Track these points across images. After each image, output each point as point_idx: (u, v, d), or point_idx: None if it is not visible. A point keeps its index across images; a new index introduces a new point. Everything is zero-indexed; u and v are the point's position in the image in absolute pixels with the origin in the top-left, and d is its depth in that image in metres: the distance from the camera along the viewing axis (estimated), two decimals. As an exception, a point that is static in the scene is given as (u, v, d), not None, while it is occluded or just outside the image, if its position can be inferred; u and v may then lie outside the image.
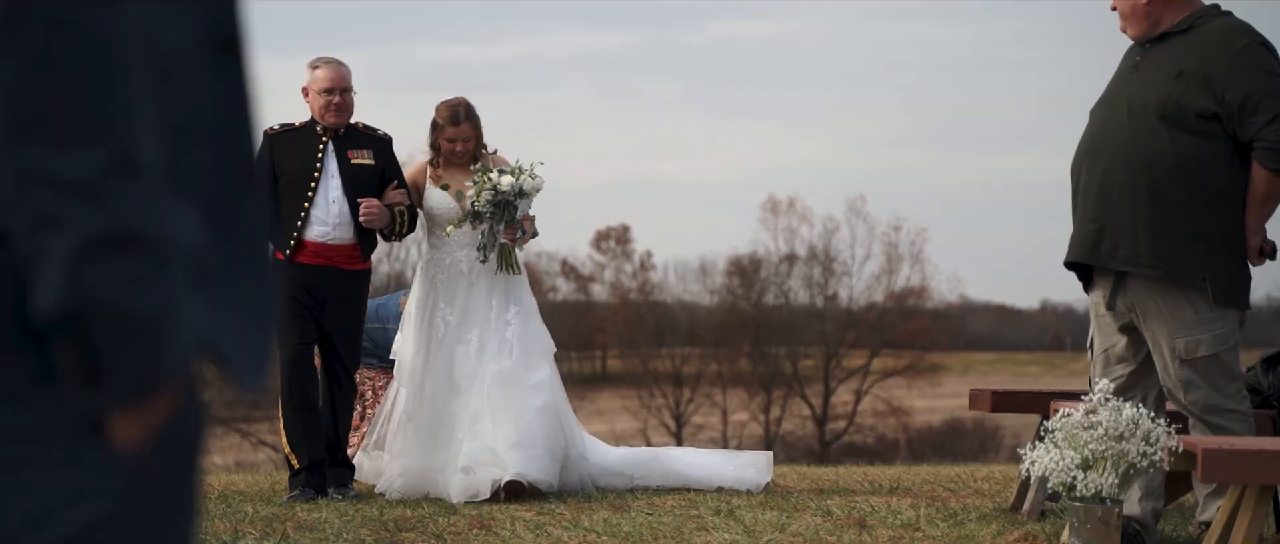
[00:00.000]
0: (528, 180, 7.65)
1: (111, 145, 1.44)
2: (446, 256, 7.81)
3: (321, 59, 7.66)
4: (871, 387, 45.57)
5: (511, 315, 7.75)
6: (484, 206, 7.60)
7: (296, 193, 7.44)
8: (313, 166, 7.46)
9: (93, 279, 1.44)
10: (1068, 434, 5.17)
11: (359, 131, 7.65)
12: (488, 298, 7.77)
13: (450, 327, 7.73)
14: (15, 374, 1.50)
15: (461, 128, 7.79)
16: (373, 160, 7.60)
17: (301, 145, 7.52)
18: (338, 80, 7.54)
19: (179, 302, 1.50)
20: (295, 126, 7.59)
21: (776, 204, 48.96)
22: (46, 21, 1.42)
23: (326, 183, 7.48)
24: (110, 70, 1.45)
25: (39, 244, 1.44)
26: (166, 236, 1.48)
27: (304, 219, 7.42)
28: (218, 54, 1.63)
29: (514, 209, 7.63)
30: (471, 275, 7.77)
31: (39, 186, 1.43)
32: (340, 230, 7.47)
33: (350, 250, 7.51)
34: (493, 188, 7.56)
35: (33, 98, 1.42)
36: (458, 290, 7.78)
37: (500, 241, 7.70)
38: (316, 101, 7.54)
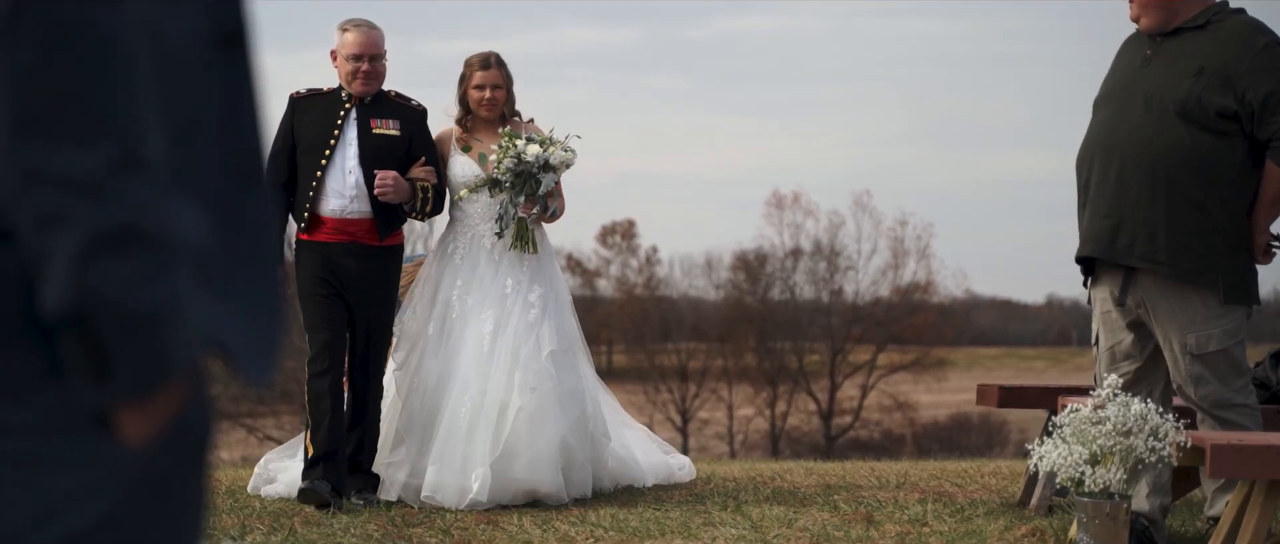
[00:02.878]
0: (558, 152, 6.98)
1: (115, 142, 1.44)
2: (467, 229, 7.11)
3: (351, 21, 7.03)
4: (877, 382, 45.55)
5: (536, 298, 7.01)
6: (504, 174, 6.95)
7: (311, 161, 6.89)
8: (329, 134, 6.90)
9: (98, 276, 1.44)
10: (1076, 429, 5.16)
11: (389, 100, 7.03)
12: (509, 276, 7.04)
13: (466, 307, 7.02)
14: (22, 371, 1.50)
15: (490, 72, 7.14)
16: (398, 131, 6.98)
17: (323, 111, 6.96)
18: (368, 45, 6.92)
19: (184, 298, 1.49)
20: (322, 92, 7.03)
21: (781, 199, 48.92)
22: (50, 20, 1.42)
23: (343, 152, 6.91)
24: (113, 68, 1.44)
25: (44, 241, 1.44)
26: (171, 233, 1.48)
27: (317, 189, 6.84)
28: (222, 49, 1.63)
29: (536, 182, 6.98)
30: (495, 252, 7.07)
31: (44, 184, 1.43)
32: (357, 204, 6.85)
33: (370, 226, 6.87)
34: (516, 155, 6.93)
35: (37, 96, 1.42)
36: (476, 266, 7.07)
37: (517, 216, 7.01)
38: (344, 68, 6.94)
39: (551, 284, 7.15)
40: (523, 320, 6.97)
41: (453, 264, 7.11)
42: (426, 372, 6.97)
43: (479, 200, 7.09)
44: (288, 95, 7.01)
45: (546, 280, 7.13)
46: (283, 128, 6.98)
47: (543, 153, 6.95)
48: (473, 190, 7.07)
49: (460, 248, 7.13)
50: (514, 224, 7.03)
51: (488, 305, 6.99)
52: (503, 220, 7.02)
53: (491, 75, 7.14)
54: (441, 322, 7.03)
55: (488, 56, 7.25)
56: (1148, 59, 5.62)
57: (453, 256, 7.13)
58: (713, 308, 49.59)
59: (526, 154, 6.94)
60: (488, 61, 7.21)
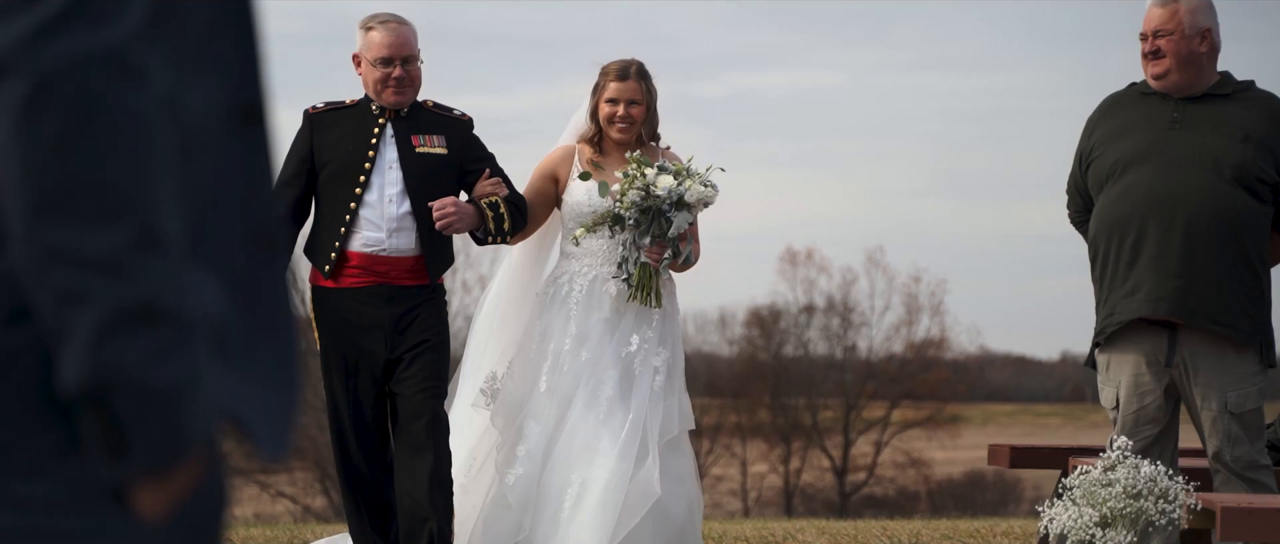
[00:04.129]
0: (695, 187, 5.84)
1: (135, 221, 1.47)
2: (587, 268, 5.92)
3: (376, 18, 5.84)
4: (891, 438, 45.42)
5: (662, 363, 5.85)
6: (628, 209, 5.79)
7: (341, 189, 5.72)
8: (364, 155, 5.73)
9: (116, 353, 1.47)
10: (1085, 491, 5.17)
11: (428, 111, 5.89)
12: (634, 331, 5.87)
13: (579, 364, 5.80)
14: (41, 446, 1.53)
15: (628, 84, 5.96)
16: (445, 148, 5.84)
17: (351, 128, 5.79)
18: (399, 46, 5.75)
19: (202, 373, 1.52)
20: (344, 105, 5.88)
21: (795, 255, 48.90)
22: (72, 100, 1.45)
23: (382, 176, 5.74)
24: (134, 147, 1.47)
25: (63, 319, 1.47)
26: (189, 309, 1.51)
27: (351, 222, 5.71)
28: (240, 122, 1.66)
29: (666, 221, 5.82)
30: (618, 300, 5.89)
31: (63, 263, 1.46)
32: (399, 238, 5.73)
33: (412, 264, 5.74)
34: (644, 187, 5.77)
35: (57, 175, 1.45)
36: (596, 314, 5.88)
37: (642, 261, 5.85)
38: (371, 74, 5.78)
39: (676, 346, 6.00)
40: (650, 388, 5.83)
41: (565, 309, 5.91)
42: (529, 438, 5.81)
43: (601, 236, 5.93)
44: (302, 112, 5.94)
45: (671, 340, 5.97)
46: (297, 150, 5.83)
47: (676, 186, 5.83)
48: (590, 229, 5.92)
49: (578, 291, 5.92)
50: (637, 271, 5.85)
51: (608, 364, 5.83)
52: (624, 265, 5.86)
53: (629, 88, 5.97)
54: (553, 377, 5.86)
55: (627, 65, 6.03)
56: (1177, 122, 5.64)
57: (567, 300, 5.91)
58: (726, 364, 49.50)
59: (657, 186, 5.79)
60: (626, 71, 6.01)
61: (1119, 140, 5.75)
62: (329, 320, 5.79)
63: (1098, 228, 5.72)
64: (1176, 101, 5.68)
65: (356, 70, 5.87)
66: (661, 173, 5.82)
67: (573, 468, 5.69)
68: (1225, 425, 5.54)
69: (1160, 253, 5.57)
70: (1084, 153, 5.83)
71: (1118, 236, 5.66)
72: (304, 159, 5.80)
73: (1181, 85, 5.66)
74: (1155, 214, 5.59)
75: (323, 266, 5.76)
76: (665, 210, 5.83)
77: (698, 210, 5.93)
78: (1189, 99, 5.67)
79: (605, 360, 5.84)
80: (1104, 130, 5.79)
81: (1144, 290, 5.59)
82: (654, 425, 5.77)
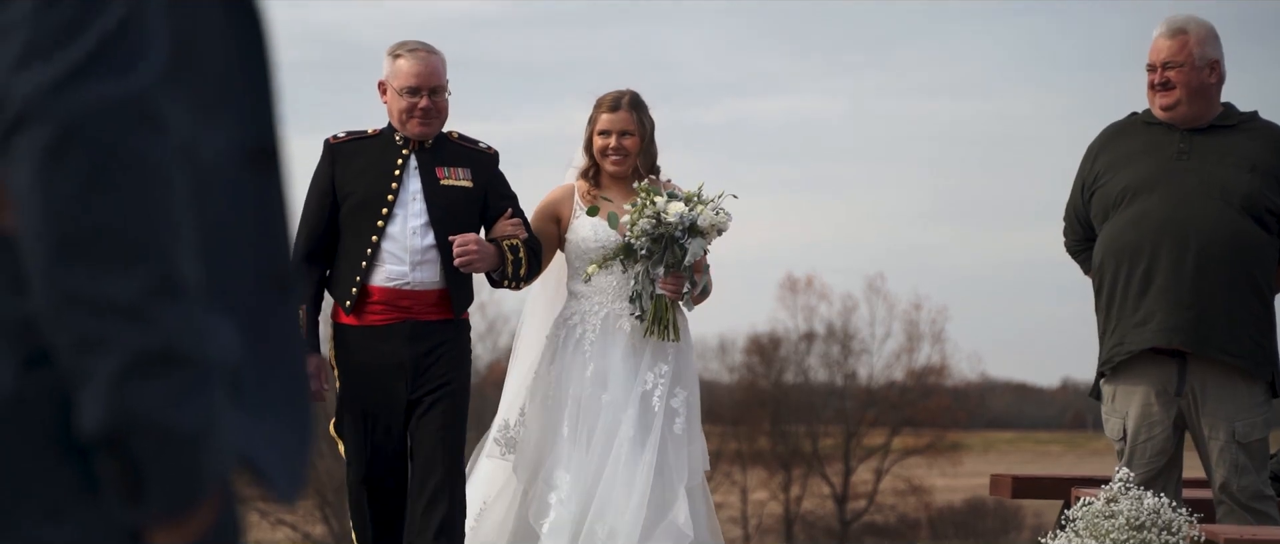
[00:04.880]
0: (707, 213, 5.71)
1: (155, 267, 1.49)
2: (598, 306, 5.77)
3: (405, 46, 5.73)
4: (892, 465, 45.39)
5: (681, 404, 5.67)
6: (639, 238, 5.65)
7: (363, 221, 5.60)
8: (387, 186, 5.63)
9: (134, 398, 1.48)
10: (1089, 523, 5.18)
11: (452, 143, 5.78)
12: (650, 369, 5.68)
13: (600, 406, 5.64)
14: (60, 488, 1.54)
15: (619, 115, 5.84)
16: (470, 182, 5.72)
17: (374, 159, 5.67)
18: (427, 76, 5.64)
19: (218, 417, 1.54)
20: (367, 135, 5.76)
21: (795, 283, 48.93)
22: (95, 148, 1.47)
23: (405, 208, 5.62)
24: (155, 194, 1.49)
25: (83, 363, 1.49)
26: (206, 353, 1.52)
27: (372, 256, 5.57)
28: (254, 164, 1.68)
29: (681, 250, 5.67)
30: (634, 336, 5.73)
31: (83, 308, 1.47)
32: (423, 272, 5.60)
33: (437, 298, 5.61)
34: (655, 215, 5.63)
35: (79, 222, 1.47)
36: (611, 353, 5.70)
37: (656, 293, 5.69)
38: (397, 103, 5.67)
39: (693, 381, 5.85)
40: (669, 430, 5.66)
41: (581, 351, 5.75)
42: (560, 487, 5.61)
43: (613, 272, 5.78)
44: (323, 141, 5.82)
45: (688, 380, 5.81)
46: (319, 182, 5.72)
47: (688, 213, 5.68)
48: (602, 265, 5.76)
49: (592, 330, 5.76)
50: (652, 303, 5.69)
51: (628, 405, 5.64)
52: (639, 300, 5.68)
53: (620, 119, 5.84)
54: (575, 423, 5.67)
55: (619, 96, 5.90)
56: (1184, 152, 5.66)
57: (581, 341, 5.76)
58: (726, 391, 49.49)
59: (668, 213, 5.64)
60: (618, 102, 5.88)
61: (1124, 169, 5.74)
62: (350, 362, 5.64)
63: (1104, 256, 5.71)
64: (1183, 132, 5.70)
65: (382, 98, 5.76)
66: (672, 200, 5.68)
67: (601, 516, 5.53)
68: (1233, 455, 5.56)
69: (1172, 282, 5.57)
70: (1086, 181, 5.82)
71: (1126, 266, 5.65)
72: (326, 192, 5.70)
73: (1190, 116, 5.68)
74: (1166, 243, 5.59)
75: (344, 302, 5.62)
76: (678, 238, 5.68)
77: (712, 237, 5.78)
78: (1195, 130, 5.69)
79: (625, 400, 5.65)
80: (1108, 158, 5.78)
81: (1156, 320, 5.59)
82: (680, 471, 5.60)
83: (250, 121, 1.67)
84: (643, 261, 5.69)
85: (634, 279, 5.71)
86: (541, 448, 5.69)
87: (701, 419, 5.90)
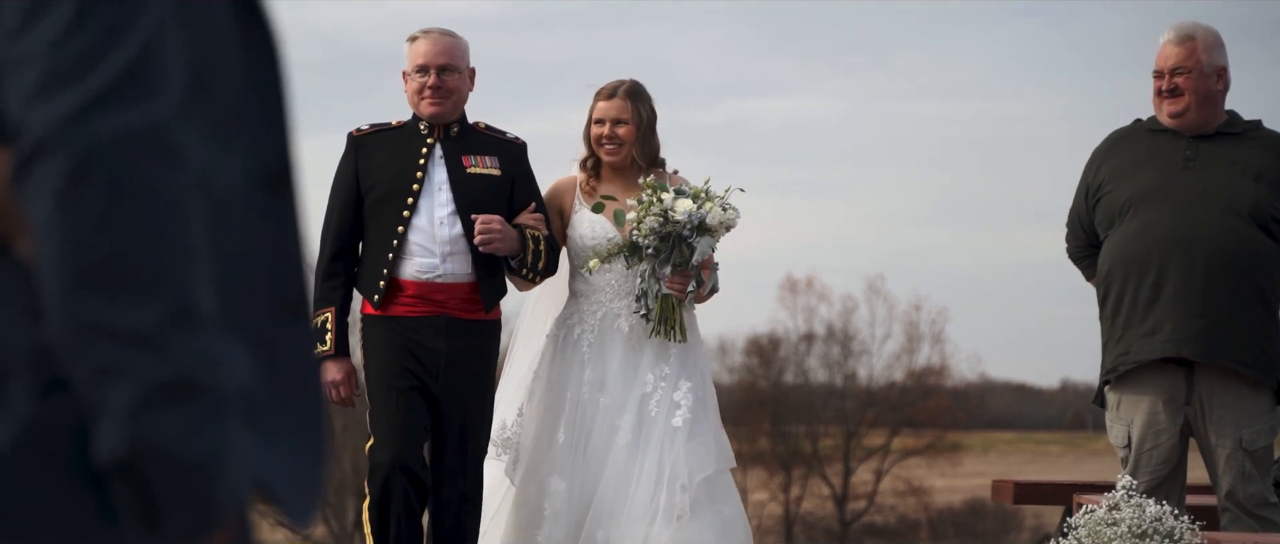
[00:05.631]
0: (715, 210, 5.54)
1: (171, 297, 1.50)
2: (596, 307, 5.61)
3: (422, 30, 5.63)
4: (892, 466, 45.41)
5: (684, 397, 5.49)
6: (646, 237, 5.46)
7: (389, 212, 5.46)
8: (411, 176, 5.49)
9: (151, 427, 1.49)
10: (1091, 531, 5.18)
11: (478, 132, 5.64)
12: (650, 370, 5.52)
13: (598, 409, 5.49)
14: (76, 516, 1.55)
15: (615, 103, 5.65)
16: (499, 169, 5.58)
17: (398, 150, 5.54)
18: (436, 54, 5.51)
19: (233, 445, 1.55)
20: (390, 126, 5.63)
21: (795, 283, 48.94)
22: (112, 178, 1.48)
23: (432, 198, 5.49)
24: (171, 223, 1.50)
25: (100, 393, 1.49)
26: (222, 382, 1.53)
27: (398, 247, 5.43)
28: (269, 191, 1.69)
29: (688, 248, 5.49)
30: (633, 336, 5.58)
31: (100, 338, 1.48)
32: (453, 263, 5.45)
33: (469, 292, 5.46)
34: (662, 213, 5.45)
35: (96, 252, 1.48)
36: (610, 355, 5.56)
37: (663, 292, 5.52)
38: (410, 85, 5.56)
39: (702, 378, 5.64)
40: (667, 428, 5.47)
41: (578, 353, 5.59)
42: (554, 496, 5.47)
43: (612, 270, 5.62)
44: (346, 135, 5.67)
45: (696, 373, 5.62)
46: (343, 176, 5.59)
47: (696, 210, 5.51)
48: (605, 260, 5.59)
49: (589, 331, 5.60)
50: (658, 303, 5.51)
51: (625, 409, 5.49)
52: (644, 299, 5.49)
53: (615, 107, 5.66)
54: (572, 429, 5.53)
55: (616, 85, 5.74)
56: (1190, 160, 5.66)
57: (578, 343, 5.61)
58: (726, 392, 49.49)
59: (675, 211, 5.46)
60: (614, 90, 5.71)
61: (1130, 177, 5.73)
62: (381, 345, 5.46)
63: (1111, 265, 5.70)
64: (1188, 139, 5.70)
65: (405, 87, 5.64)
66: (680, 196, 5.51)
67: (598, 526, 5.38)
68: (1239, 462, 5.56)
69: (1182, 292, 5.57)
70: (1090, 188, 5.81)
71: (1135, 275, 5.64)
72: (351, 186, 5.56)
73: (1197, 123, 5.68)
74: (1174, 253, 5.59)
75: (372, 296, 5.47)
76: (686, 236, 5.50)
77: (720, 235, 5.60)
78: (1200, 137, 5.69)
79: (622, 404, 5.49)
80: (1112, 166, 5.78)
81: (1166, 330, 5.58)
82: (681, 469, 5.38)
83: (264, 147, 1.68)
84: (649, 260, 5.52)
85: (639, 278, 5.54)
86: (537, 453, 5.56)
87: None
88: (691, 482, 5.41)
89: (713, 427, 5.59)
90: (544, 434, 5.57)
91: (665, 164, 5.79)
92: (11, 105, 1.49)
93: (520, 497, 5.57)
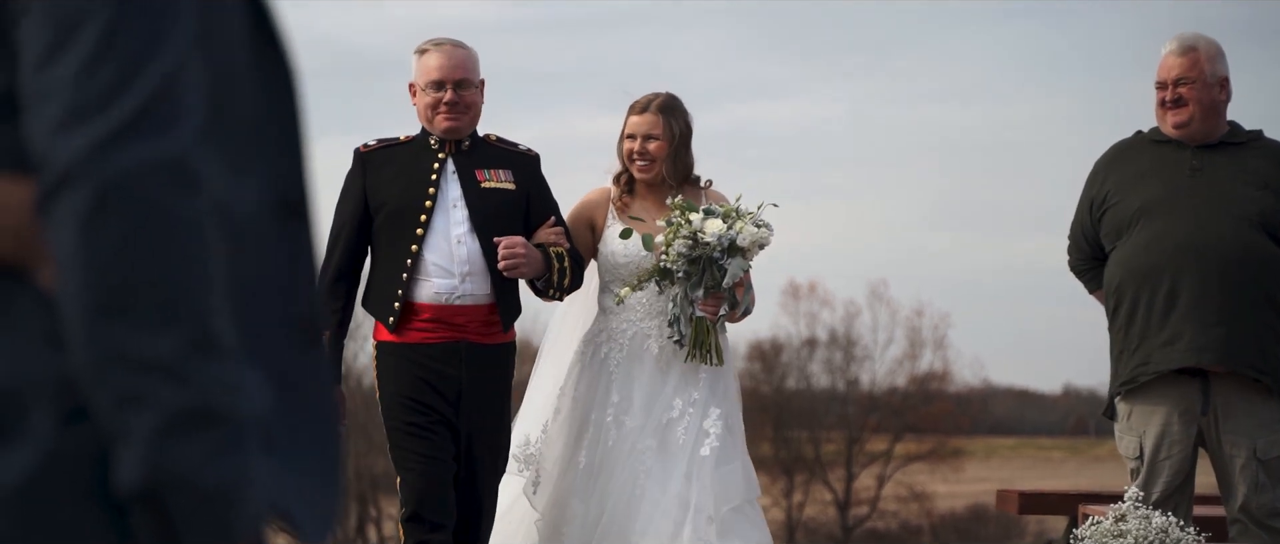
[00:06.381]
0: (747, 229, 5.33)
1: (192, 325, 1.51)
2: (626, 326, 5.43)
3: (432, 41, 5.42)
4: (894, 472, 45.41)
5: (713, 424, 5.30)
6: (674, 260, 5.27)
7: (402, 231, 5.26)
8: (423, 192, 5.29)
9: (172, 454, 1.51)
10: (1097, 542, 5.19)
11: (490, 145, 5.46)
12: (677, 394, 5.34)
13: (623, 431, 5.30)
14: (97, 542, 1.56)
15: (646, 118, 5.48)
16: (513, 184, 5.39)
17: (408, 166, 5.33)
18: (451, 68, 5.32)
19: (252, 471, 1.56)
20: (398, 141, 5.42)
21: (797, 288, 48.95)
22: (134, 209, 1.49)
23: (446, 215, 5.29)
24: (192, 253, 1.52)
25: (121, 421, 1.51)
26: (240, 409, 1.55)
27: (413, 268, 5.24)
28: (284, 218, 1.70)
29: (720, 270, 5.28)
30: (661, 359, 5.39)
31: (122, 366, 1.50)
32: (471, 284, 5.25)
33: (487, 314, 5.27)
34: (691, 234, 5.25)
35: (116, 282, 1.49)
36: (637, 376, 5.38)
37: (696, 315, 5.31)
38: (423, 100, 5.35)
39: (732, 404, 5.46)
40: (695, 455, 5.28)
41: (605, 372, 5.44)
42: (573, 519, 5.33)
43: (643, 290, 5.44)
44: (352, 151, 5.45)
45: (725, 399, 5.42)
46: (350, 193, 5.38)
47: (727, 230, 5.30)
48: (635, 287, 5.41)
49: (617, 350, 5.45)
50: (691, 326, 5.31)
51: (649, 433, 5.31)
52: (678, 323, 5.29)
53: (646, 121, 5.48)
54: (593, 450, 5.36)
55: (649, 99, 5.55)
56: (1197, 169, 5.68)
57: (606, 362, 5.45)
58: (728, 397, 49.47)
59: (705, 232, 5.26)
60: (647, 104, 5.53)
61: (1137, 188, 5.73)
62: (397, 372, 5.27)
63: (1124, 277, 5.69)
64: (1193, 149, 5.71)
65: (413, 100, 5.43)
66: (709, 217, 5.31)
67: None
68: (1253, 472, 5.57)
69: (1198, 301, 5.57)
70: (1095, 200, 5.81)
71: (1149, 286, 5.63)
72: (358, 204, 5.35)
73: (1202, 133, 5.70)
74: (1188, 263, 5.59)
75: (386, 319, 5.27)
76: (717, 258, 5.29)
77: (753, 254, 5.39)
78: (1205, 147, 5.71)
79: (646, 427, 5.31)
80: (1117, 178, 5.78)
81: (1185, 339, 5.58)
82: (707, 499, 5.21)
83: (280, 173, 1.69)
84: (680, 283, 5.31)
85: (671, 302, 5.34)
86: (559, 472, 5.42)
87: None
88: (718, 513, 5.27)
89: (741, 454, 5.42)
90: (566, 455, 5.43)
91: (700, 179, 5.62)
92: (35, 137, 1.51)
93: (540, 518, 5.43)
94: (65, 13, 1.50)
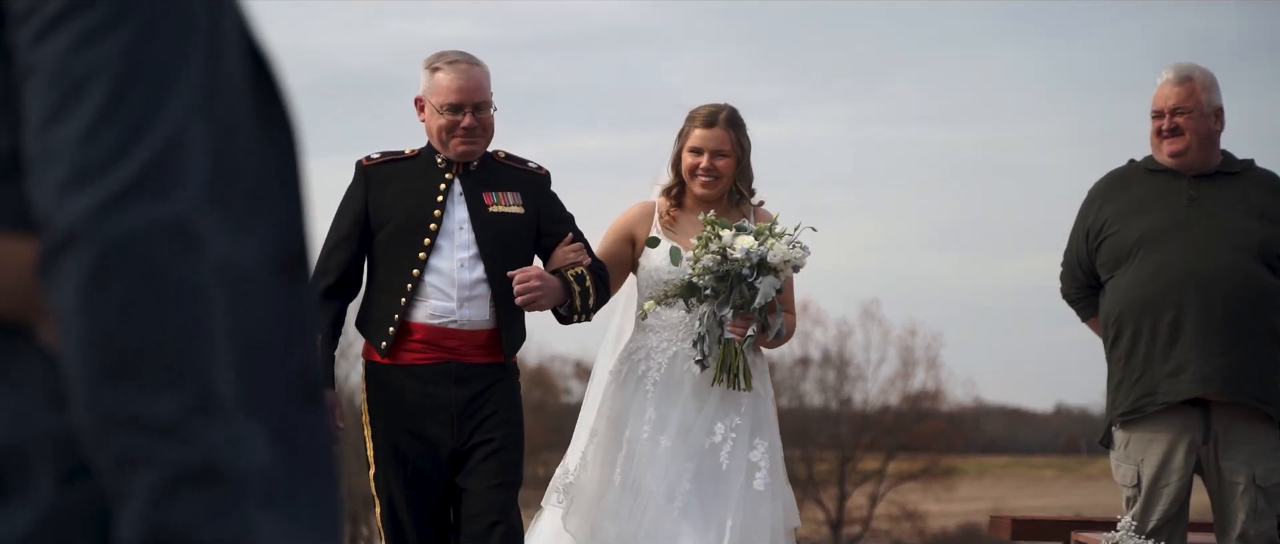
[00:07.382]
0: (780, 247, 5.11)
1: (194, 386, 1.51)
2: (666, 345, 5.22)
3: (444, 57, 5.13)
4: (887, 491, 45.40)
5: (762, 457, 5.11)
6: (702, 276, 5.06)
7: (404, 252, 5.05)
8: (429, 213, 5.07)
9: (173, 514, 1.51)
10: (1091, 571, 5.20)
11: (499, 164, 5.22)
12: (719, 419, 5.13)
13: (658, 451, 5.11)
14: (99, 600, 1.56)
15: (716, 132, 5.25)
16: (521, 207, 5.15)
17: (413, 183, 5.11)
18: (471, 90, 5.07)
19: (252, 528, 1.56)
20: (403, 156, 5.18)
21: (791, 307, 48.95)
22: (137, 270, 1.50)
23: (451, 238, 5.06)
24: (194, 314, 1.52)
25: (123, 480, 1.51)
26: (242, 467, 1.55)
27: (413, 290, 5.03)
28: (284, 273, 1.70)
29: (751, 289, 5.06)
30: (702, 380, 5.15)
31: (124, 427, 1.50)
32: (471, 309, 5.03)
33: (485, 339, 5.05)
34: (720, 250, 5.04)
35: (121, 342, 1.50)
36: (675, 396, 5.18)
37: (725, 337, 5.11)
38: (437, 121, 5.09)
39: (774, 434, 5.25)
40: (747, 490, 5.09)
41: (642, 390, 5.22)
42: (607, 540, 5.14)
43: (674, 308, 5.24)
44: (355, 163, 5.22)
45: (768, 428, 5.23)
46: (350, 207, 5.15)
47: (758, 248, 5.08)
48: (661, 302, 5.21)
49: (656, 369, 5.22)
50: (719, 349, 5.11)
51: (687, 455, 5.11)
52: (704, 343, 5.08)
53: (716, 137, 5.25)
54: (628, 470, 5.15)
55: (716, 111, 5.33)
56: (1194, 199, 5.69)
57: (644, 380, 5.23)
58: (721, 416, 49.45)
59: (734, 249, 5.05)
60: (714, 117, 5.29)
61: (1135, 218, 5.72)
62: (385, 402, 5.08)
63: (1124, 307, 5.68)
64: (1190, 179, 5.73)
65: (419, 115, 5.17)
66: (741, 233, 5.09)
67: None
68: (1252, 499, 5.58)
69: (1201, 331, 5.57)
70: (1091, 230, 5.80)
71: (1151, 316, 5.63)
72: (358, 218, 5.12)
73: (1198, 163, 5.72)
74: (1191, 293, 5.59)
75: (379, 343, 5.07)
76: (747, 276, 5.06)
77: (785, 274, 5.14)
78: (1201, 176, 5.72)
79: (684, 451, 5.11)
80: (1115, 207, 5.77)
81: (1190, 370, 5.58)
82: (761, 535, 5.04)
83: (280, 229, 1.70)
84: (708, 302, 5.10)
85: (698, 321, 5.11)
86: (595, 497, 5.19)
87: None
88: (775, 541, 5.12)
89: (784, 487, 5.28)
90: (603, 477, 5.20)
91: (754, 194, 5.43)
92: (39, 198, 1.51)
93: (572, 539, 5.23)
94: (70, 74, 1.50)
